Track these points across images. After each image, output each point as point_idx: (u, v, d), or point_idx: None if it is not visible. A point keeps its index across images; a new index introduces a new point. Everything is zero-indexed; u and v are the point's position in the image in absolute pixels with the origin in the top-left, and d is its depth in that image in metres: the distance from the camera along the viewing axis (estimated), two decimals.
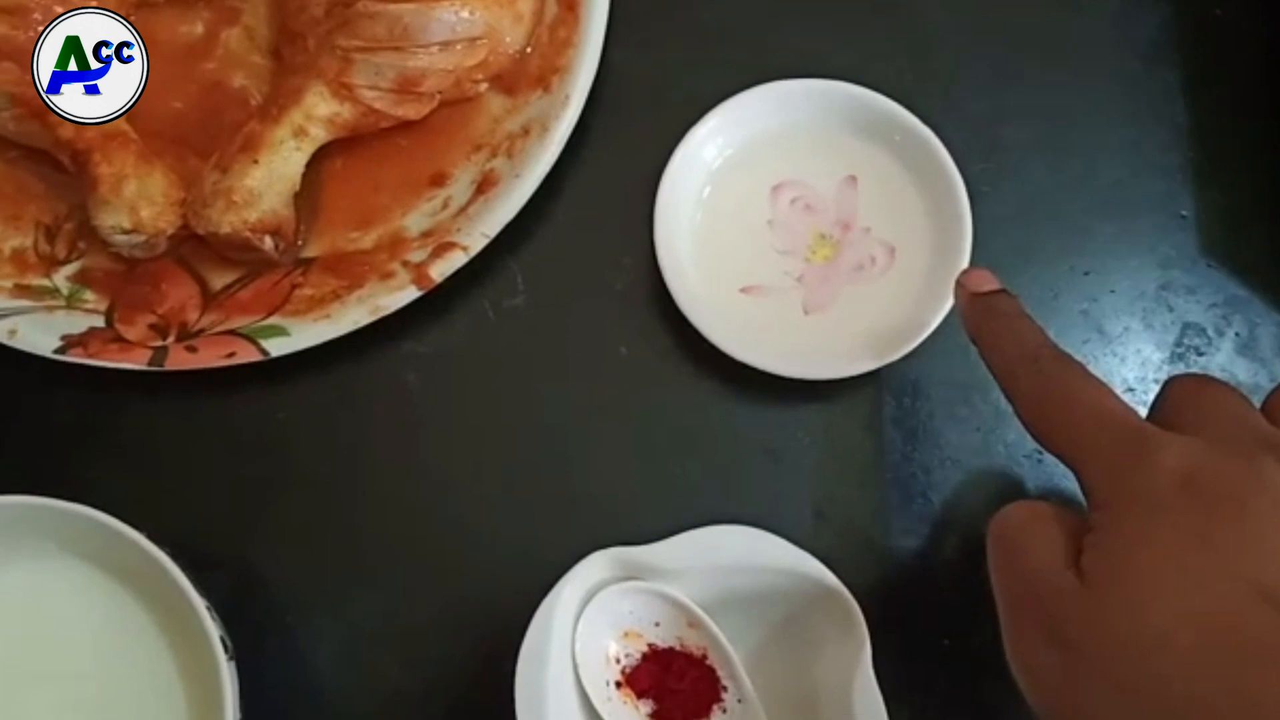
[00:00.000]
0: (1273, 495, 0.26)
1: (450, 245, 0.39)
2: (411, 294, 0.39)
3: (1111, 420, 0.29)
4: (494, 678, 0.37)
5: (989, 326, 0.34)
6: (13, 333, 0.39)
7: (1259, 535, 0.26)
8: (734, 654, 0.37)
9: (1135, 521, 0.27)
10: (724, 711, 0.38)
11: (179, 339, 0.39)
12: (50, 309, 0.40)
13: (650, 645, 0.38)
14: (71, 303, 0.40)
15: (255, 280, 0.40)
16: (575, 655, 0.37)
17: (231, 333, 0.39)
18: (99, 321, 0.40)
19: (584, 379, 0.41)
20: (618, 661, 0.38)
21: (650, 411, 0.41)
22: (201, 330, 0.39)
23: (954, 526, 0.40)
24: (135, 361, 0.38)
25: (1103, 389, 0.30)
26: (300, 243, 0.41)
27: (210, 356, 0.38)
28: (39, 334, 0.39)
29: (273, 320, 0.39)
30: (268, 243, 0.39)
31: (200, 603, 0.34)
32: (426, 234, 0.40)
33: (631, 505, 0.40)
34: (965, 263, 0.39)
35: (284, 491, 0.40)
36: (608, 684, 0.38)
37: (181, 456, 0.40)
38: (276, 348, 0.38)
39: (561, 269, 0.42)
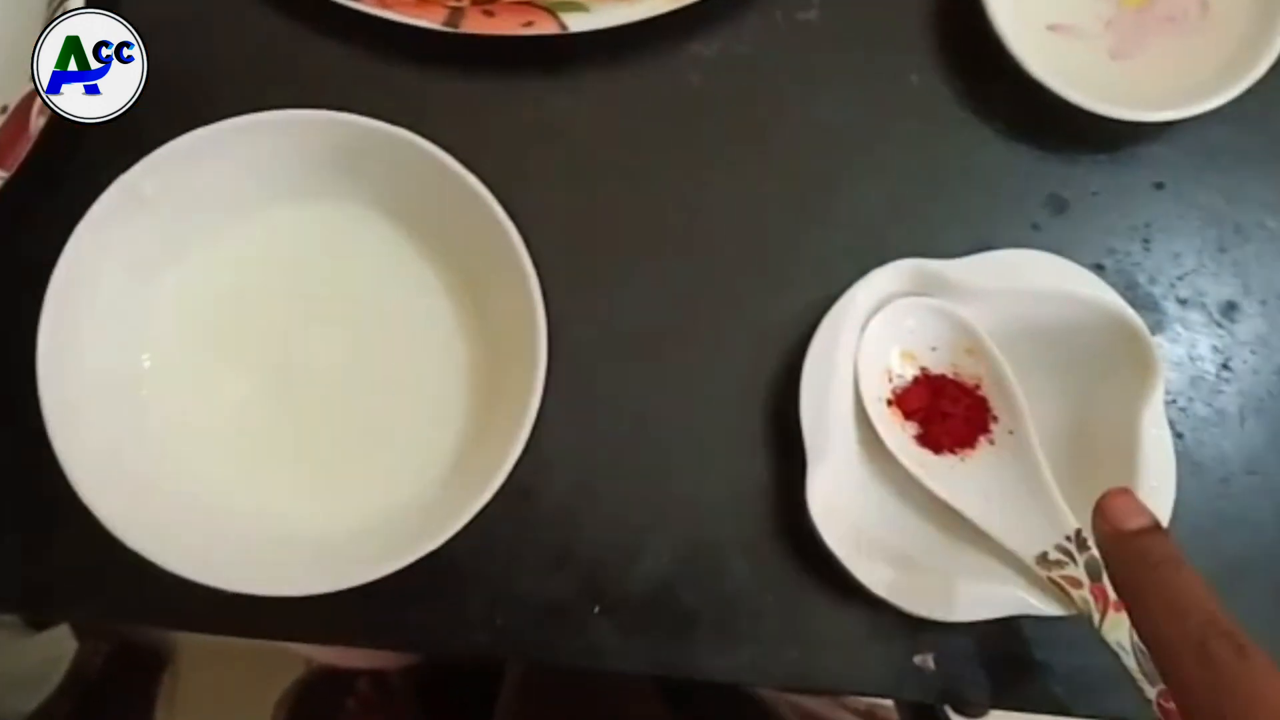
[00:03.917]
0: None
1: None
2: None
3: None
4: (784, 382, 0.37)
5: (1139, 580, 0.27)
6: None
7: None
8: (1015, 382, 0.37)
9: None
10: (991, 443, 0.37)
11: (475, 2, 0.38)
12: None
13: (923, 369, 0.38)
14: None
15: None
16: (856, 364, 0.37)
17: (530, 3, 0.38)
18: None
19: (867, 103, 0.40)
20: (889, 380, 0.38)
21: (932, 141, 0.39)
22: None
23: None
24: (431, 19, 0.37)
25: None
26: None
27: (508, 23, 0.37)
28: None
29: None
30: None
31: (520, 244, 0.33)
32: None
33: (910, 232, 0.39)
34: None
35: (565, 177, 0.39)
36: (879, 399, 0.37)
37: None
38: (575, 23, 0.37)
39: None
